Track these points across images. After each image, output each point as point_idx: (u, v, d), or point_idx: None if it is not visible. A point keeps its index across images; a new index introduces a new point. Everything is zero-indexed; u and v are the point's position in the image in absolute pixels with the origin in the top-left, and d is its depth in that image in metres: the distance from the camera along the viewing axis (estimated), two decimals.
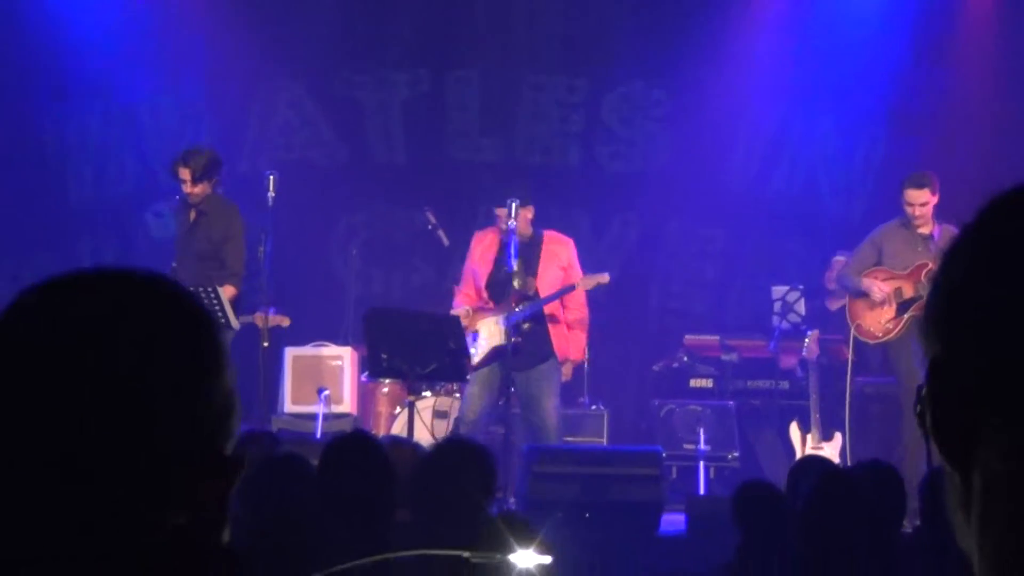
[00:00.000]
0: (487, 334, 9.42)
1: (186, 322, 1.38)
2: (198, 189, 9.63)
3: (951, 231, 9.41)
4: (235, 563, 1.37)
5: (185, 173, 9.60)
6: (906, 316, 9.55)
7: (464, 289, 9.75)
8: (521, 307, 9.39)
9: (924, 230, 9.59)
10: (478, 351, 9.42)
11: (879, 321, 9.66)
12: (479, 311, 9.53)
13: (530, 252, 9.51)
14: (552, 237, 9.66)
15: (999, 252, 1.10)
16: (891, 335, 9.64)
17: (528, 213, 9.50)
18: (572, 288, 9.44)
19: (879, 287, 9.65)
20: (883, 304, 9.64)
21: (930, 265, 9.44)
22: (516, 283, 9.43)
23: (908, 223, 9.64)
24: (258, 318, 9.91)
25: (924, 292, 9.45)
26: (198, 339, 1.38)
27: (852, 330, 9.97)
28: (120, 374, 1.32)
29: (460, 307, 9.60)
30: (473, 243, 9.81)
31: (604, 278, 9.46)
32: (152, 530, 1.33)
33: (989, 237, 1.11)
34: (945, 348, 1.11)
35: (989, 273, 1.09)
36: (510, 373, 9.22)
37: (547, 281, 9.44)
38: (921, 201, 9.51)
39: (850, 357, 10.22)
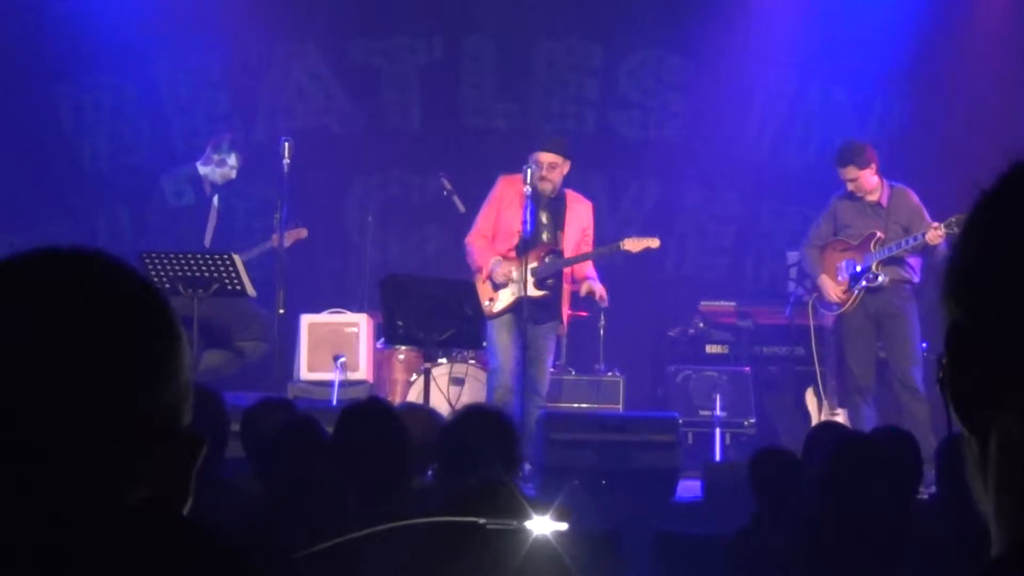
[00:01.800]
0: (513, 284, 9.36)
1: (146, 302, 1.38)
2: None
3: (903, 191, 9.40)
4: (198, 535, 1.37)
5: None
6: (856, 289, 9.53)
7: (483, 231, 9.64)
8: (549, 259, 9.35)
9: (871, 198, 9.54)
10: (501, 300, 9.39)
11: (836, 293, 9.66)
12: (506, 259, 9.45)
13: (557, 208, 9.47)
14: (575, 197, 9.61)
15: (1019, 219, 1.09)
16: (844, 308, 9.63)
17: (565, 167, 9.46)
18: (617, 248, 9.41)
19: (832, 291, 9.63)
20: (837, 279, 9.64)
21: (879, 234, 9.43)
22: (545, 236, 9.41)
23: (857, 193, 9.63)
24: (274, 239, 9.96)
25: (872, 263, 9.43)
26: (159, 319, 1.38)
27: (812, 297, 10.02)
28: (83, 353, 1.31)
29: (491, 256, 9.50)
30: (501, 186, 9.61)
31: (654, 242, 9.42)
32: (113, 505, 1.32)
33: (1009, 204, 1.10)
34: (965, 315, 1.10)
35: (1008, 240, 1.08)
36: (525, 325, 9.18)
37: (571, 239, 9.39)
38: (849, 177, 9.52)
39: (811, 323, 10.22)
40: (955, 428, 1.14)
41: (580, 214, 9.49)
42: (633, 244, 9.33)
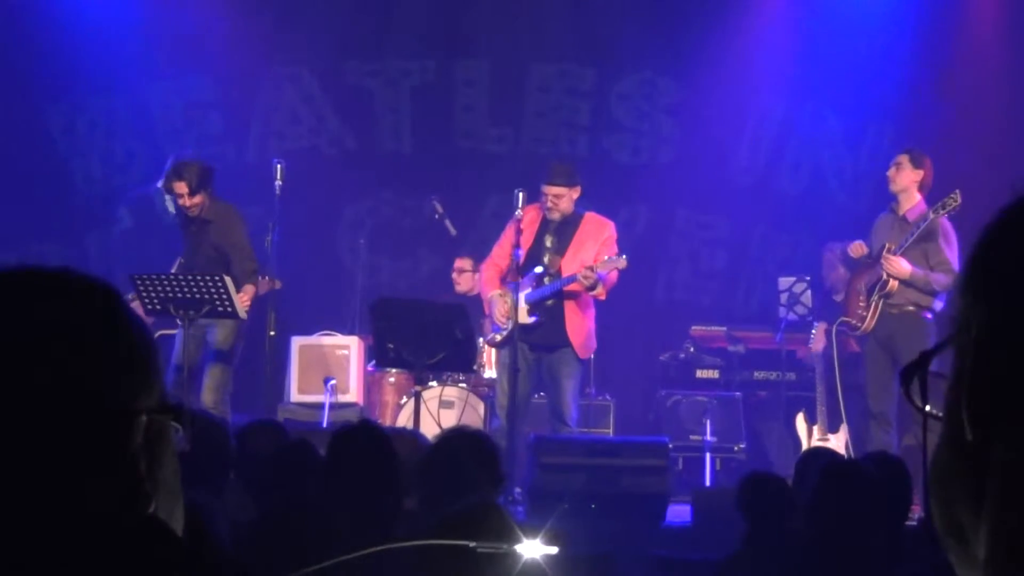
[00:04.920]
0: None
1: (110, 313, 1.38)
2: (196, 200, 9.60)
3: (937, 222, 9.33)
4: (190, 553, 1.36)
5: (181, 187, 9.55)
6: (873, 300, 9.50)
7: (496, 260, 9.58)
8: (548, 280, 9.33)
9: (901, 210, 9.52)
10: (502, 330, 9.38)
11: (856, 311, 9.63)
12: (504, 286, 9.42)
13: (564, 232, 9.44)
14: (591, 219, 9.54)
15: None
16: (865, 323, 9.57)
17: (574, 193, 9.43)
18: (589, 271, 9.30)
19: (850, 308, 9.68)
20: (859, 298, 9.62)
21: (888, 244, 9.39)
22: (546, 259, 9.39)
23: (892, 204, 9.64)
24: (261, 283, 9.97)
25: (881, 272, 9.40)
26: (123, 330, 1.37)
27: (838, 321, 9.98)
28: (48, 367, 1.31)
29: (492, 289, 9.50)
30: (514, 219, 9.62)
31: (621, 262, 9.27)
32: (81, 517, 1.32)
33: None
34: (996, 309, 1.09)
35: None
36: (517, 351, 9.15)
37: (577, 262, 9.31)
38: (897, 161, 9.55)
39: (834, 350, 10.21)
40: (929, 451, 1.13)
41: (591, 235, 9.41)
42: (603, 266, 9.22)
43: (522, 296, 9.25)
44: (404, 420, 9.76)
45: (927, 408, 1.14)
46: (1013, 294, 1.08)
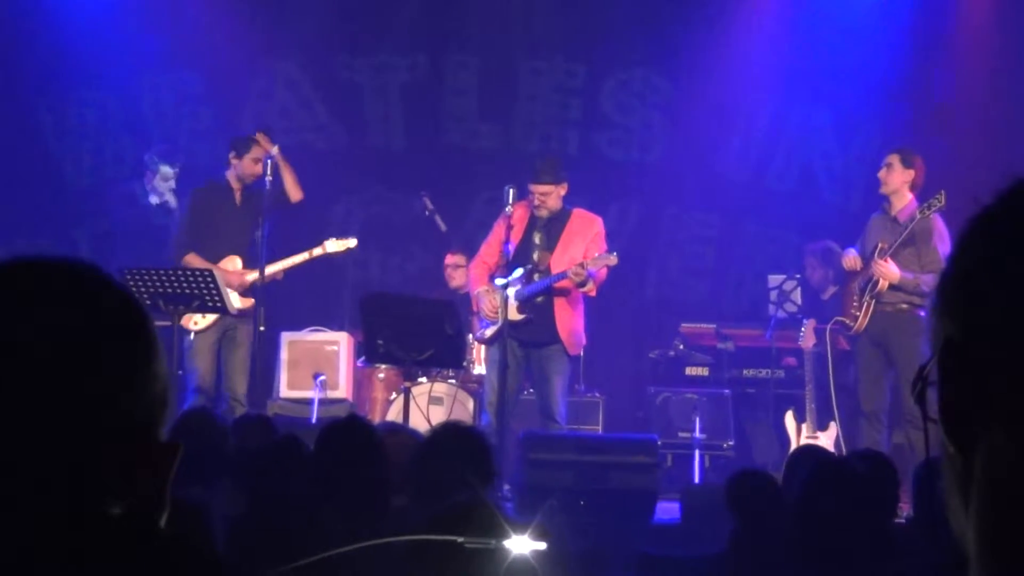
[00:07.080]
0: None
1: (120, 311, 1.37)
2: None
3: (929, 216, 9.34)
4: (175, 549, 1.36)
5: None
6: (865, 300, 9.51)
7: (485, 258, 9.58)
8: (537, 277, 9.33)
9: (893, 210, 9.54)
10: (492, 326, 9.38)
11: (850, 310, 9.65)
12: (492, 282, 9.43)
13: (553, 228, 9.44)
14: (579, 214, 9.54)
15: (1018, 234, 1.08)
16: (858, 323, 9.58)
17: (561, 190, 9.44)
18: (580, 268, 9.28)
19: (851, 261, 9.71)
20: (853, 299, 9.63)
21: (880, 244, 9.41)
22: (536, 256, 9.39)
23: (884, 205, 9.65)
24: (308, 253, 10.08)
25: (873, 272, 9.41)
26: (132, 328, 1.37)
27: (832, 320, 9.98)
28: (55, 366, 1.30)
29: (479, 286, 9.50)
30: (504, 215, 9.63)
31: (612, 259, 9.27)
32: (89, 522, 1.31)
33: (1008, 220, 1.10)
34: (958, 328, 1.10)
35: (1007, 255, 1.07)
36: (507, 347, 9.15)
37: (566, 258, 9.32)
38: (887, 162, 9.60)
39: (828, 348, 10.19)
40: (932, 450, 1.13)
41: (580, 231, 9.41)
42: (594, 262, 9.21)
43: (511, 293, 9.25)
44: (393, 416, 9.75)
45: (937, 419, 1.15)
46: (966, 316, 1.09)
